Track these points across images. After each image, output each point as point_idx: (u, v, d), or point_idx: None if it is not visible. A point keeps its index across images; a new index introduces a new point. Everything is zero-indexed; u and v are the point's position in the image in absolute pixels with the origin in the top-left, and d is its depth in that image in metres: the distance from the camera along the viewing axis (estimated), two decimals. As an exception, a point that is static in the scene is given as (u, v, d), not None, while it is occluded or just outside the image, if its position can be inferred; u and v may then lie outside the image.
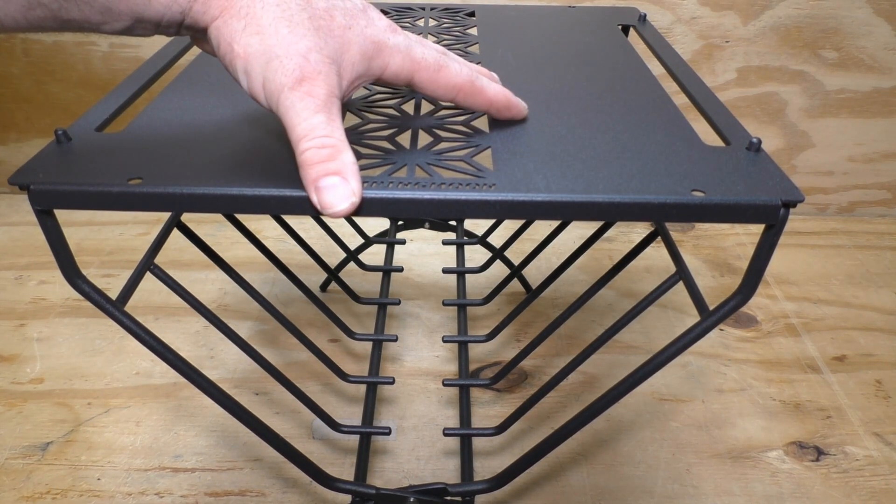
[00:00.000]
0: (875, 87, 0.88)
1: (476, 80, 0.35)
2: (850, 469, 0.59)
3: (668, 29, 0.85)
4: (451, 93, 0.35)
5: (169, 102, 0.40)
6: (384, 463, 0.58)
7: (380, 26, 0.32)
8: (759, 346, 0.73)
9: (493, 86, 0.37)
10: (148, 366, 0.68)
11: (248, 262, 0.81)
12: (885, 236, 0.93)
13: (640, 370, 0.38)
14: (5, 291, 0.79)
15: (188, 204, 0.31)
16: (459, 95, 0.35)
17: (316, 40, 0.30)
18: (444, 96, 0.35)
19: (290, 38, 0.29)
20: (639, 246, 0.50)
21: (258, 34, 0.29)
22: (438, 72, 0.34)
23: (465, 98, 0.36)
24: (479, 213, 0.31)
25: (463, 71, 0.35)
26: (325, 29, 0.30)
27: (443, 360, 0.70)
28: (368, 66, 0.32)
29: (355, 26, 0.31)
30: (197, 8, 0.29)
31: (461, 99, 0.36)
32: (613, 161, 0.33)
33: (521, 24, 0.58)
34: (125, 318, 0.36)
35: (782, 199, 0.30)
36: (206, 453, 0.59)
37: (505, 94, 0.37)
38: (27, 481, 0.56)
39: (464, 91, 0.35)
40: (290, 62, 0.29)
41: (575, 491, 0.56)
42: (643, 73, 0.46)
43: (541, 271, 0.81)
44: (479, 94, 0.36)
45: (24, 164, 0.32)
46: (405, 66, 0.33)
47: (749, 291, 0.34)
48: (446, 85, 0.35)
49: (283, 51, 0.29)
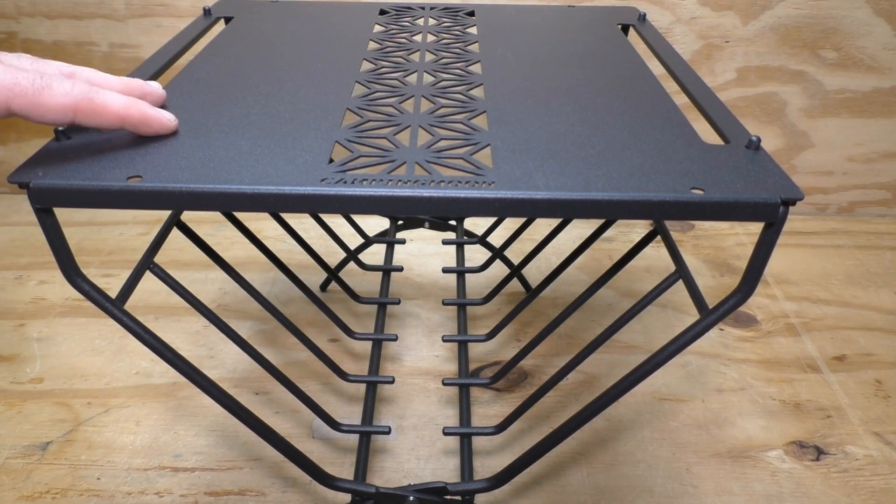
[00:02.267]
0: (875, 87, 0.88)
1: (94, 96, 0.32)
2: (850, 469, 0.59)
3: (668, 29, 0.85)
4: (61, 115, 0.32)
5: (168, 101, 0.40)
6: (384, 462, 0.58)
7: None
8: (759, 345, 0.73)
9: (117, 100, 0.33)
10: (148, 365, 0.68)
11: (248, 262, 0.81)
12: (885, 236, 0.93)
13: (639, 369, 0.38)
14: (5, 291, 0.79)
15: (188, 202, 0.31)
16: (78, 116, 0.32)
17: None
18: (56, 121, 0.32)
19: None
20: (638, 245, 0.50)
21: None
22: (39, 96, 0.31)
23: (86, 118, 0.32)
24: (479, 210, 0.31)
25: (75, 90, 0.32)
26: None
27: (442, 360, 0.70)
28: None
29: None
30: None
31: (80, 119, 0.32)
32: (613, 159, 0.34)
33: (520, 24, 0.58)
34: (125, 316, 0.37)
35: (782, 197, 0.30)
36: (205, 453, 0.59)
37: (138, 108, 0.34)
38: (27, 481, 0.56)
39: (80, 110, 0.32)
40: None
41: (575, 490, 0.56)
42: (643, 72, 0.46)
43: (541, 271, 0.81)
44: (103, 111, 0.33)
45: (24, 163, 0.32)
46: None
47: (748, 290, 0.34)
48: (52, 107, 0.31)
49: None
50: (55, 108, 0.32)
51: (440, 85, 0.45)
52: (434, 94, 0.43)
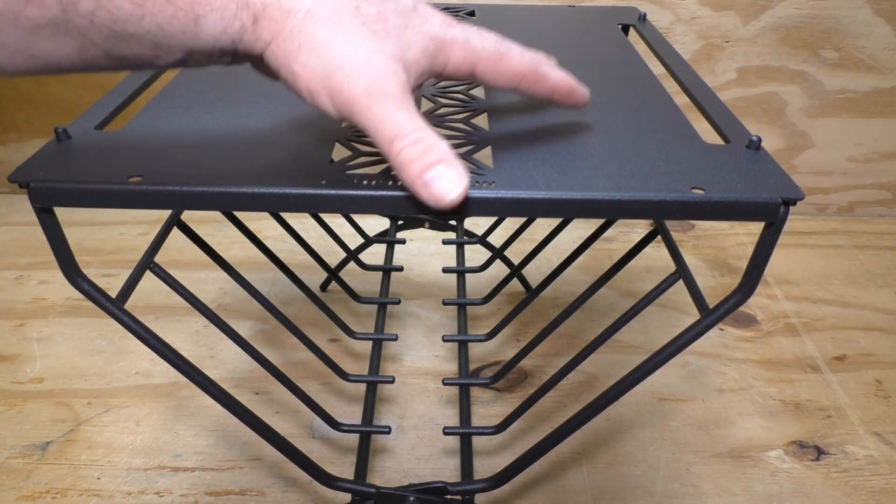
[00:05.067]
0: (875, 87, 0.88)
1: (539, 66, 0.34)
2: (850, 469, 0.59)
3: (668, 29, 0.85)
4: (513, 81, 0.34)
5: (169, 100, 0.40)
6: (384, 462, 0.58)
7: (434, 22, 0.32)
8: (759, 345, 0.73)
9: (555, 72, 0.35)
10: (148, 365, 0.68)
11: (248, 262, 0.81)
12: (885, 236, 0.93)
13: (639, 369, 0.38)
14: (5, 291, 0.79)
15: (188, 202, 0.31)
16: (522, 83, 0.34)
17: (374, 43, 0.29)
18: (506, 85, 0.34)
19: (347, 47, 0.28)
20: (639, 245, 0.50)
21: (314, 50, 0.28)
22: (500, 60, 0.33)
23: (528, 85, 0.34)
24: (479, 210, 0.31)
25: (525, 57, 0.34)
26: (382, 32, 0.29)
27: (443, 360, 0.70)
28: (431, 62, 0.31)
29: (411, 25, 0.30)
30: (248, 36, 0.28)
31: (524, 86, 0.34)
32: (613, 159, 0.33)
33: (521, 24, 0.58)
34: (125, 316, 0.36)
35: (782, 197, 0.30)
36: (206, 453, 0.59)
37: (567, 80, 0.35)
38: (27, 481, 0.56)
39: (527, 79, 0.34)
40: (353, 70, 0.28)
41: (575, 490, 0.56)
42: (643, 72, 0.46)
43: (541, 271, 0.81)
44: (542, 82, 0.34)
45: (24, 162, 0.32)
46: (466, 57, 0.32)
47: (749, 290, 0.34)
48: (508, 73, 0.33)
49: (343, 61, 0.28)
50: (509, 75, 0.33)
51: (440, 85, 0.45)
52: (434, 93, 0.43)
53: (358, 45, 0.29)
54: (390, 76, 0.29)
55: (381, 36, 0.29)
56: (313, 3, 0.29)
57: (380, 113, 0.28)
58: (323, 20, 0.28)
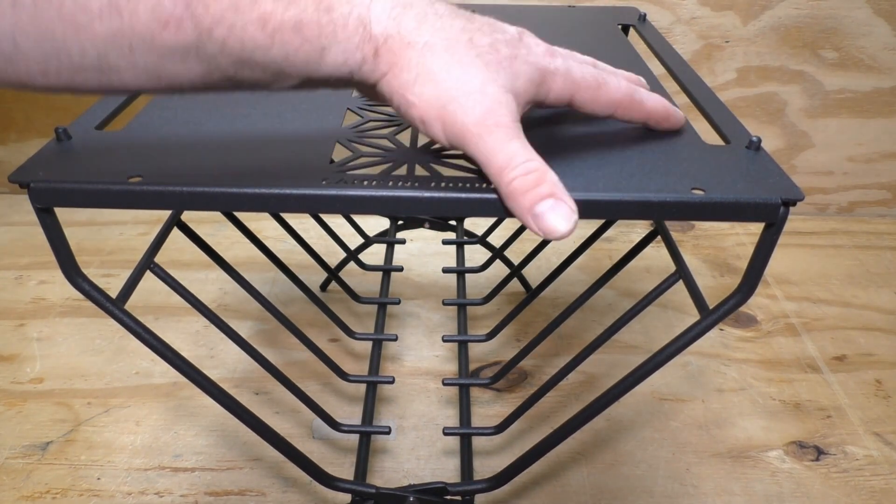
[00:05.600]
0: (875, 87, 0.88)
1: (635, 93, 0.35)
2: (850, 469, 0.59)
3: (668, 29, 0.85)
4: (610, 109, 0.34)
5: (169, 100, 0.40)
6: (384, 462, 0.58)
7: (538, 52, 0.32)
8: (759, 345, 0.73)
9: (651, 97, 0.36)
10: (148, 365, 0.68)
11: (248, 262, 0.81)
12: (885, 236, 0.93)
13: (639, 369, 0.38)
14: (5, 291, 0.79)
15: (188, 202, 0.31)
16: (619, 111, 0.35)
17: (488, 74, 0.30)
18: (602, 113, 0.35)
19: (463, 77, 0.29)
20: (638, 245, 0.50)
21: (431, 81, 0.29)
22: (598, 90, 0.33)
23: (624, 112, 0.35)
24: (479, 211, 0.31)
25: (622, 86, 0.34)
26: (494, 63, 0.30)
27: (443, 360, 0.70)
28: (536, 91, 0.32)
29: (519, 55, 0.31)
30: (366, 67, 0.29)
31: (620, 113, 0.35)
32: (613, 159, 0.34)
33: (521, 24, 0.57)
34: (125, 316, 0.36)
35: (782, 198, 0.30)
36: (206, 453, 0.59)
37: (663, 104, 0.36)
38: (27, 481, 0.56)
39: (622, 106, 0.35)
40: (468, 100, 0.29)
41: (575, 490, 0.56)
42: (643, 72, 0.46)
43: (541, 271, 0.81)
44: (638, 108, 0.35)
45: (24, 163, 0.32)
46: (567, 88, 0.33)
47: (749, 290, 0.34)
48: (606, 102, 0.34)
49: (458, 91, 0.29)
50: (607, 104, 0.34)
51: None
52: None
53: (473, 77, 0.29)
54: (502, 106, 0.29)
55: (493, 66, 0.30)
56: (431, 36, 0.29)
57: (491, 143, 0.29)
58: (440, 52, 0.29)
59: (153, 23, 0.26)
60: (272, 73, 0.28)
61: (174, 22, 0.26)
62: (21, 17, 0.25)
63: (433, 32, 0.29)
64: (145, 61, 0.27)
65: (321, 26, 0.27)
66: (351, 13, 0.28)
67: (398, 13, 0.29)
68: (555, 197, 0.29)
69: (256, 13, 0.26)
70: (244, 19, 0.26)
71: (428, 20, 0.29)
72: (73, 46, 0.26)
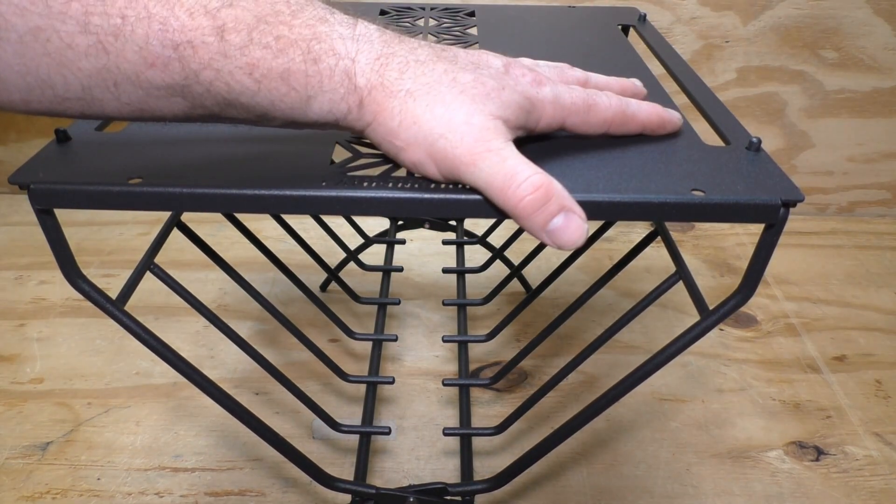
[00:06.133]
0: (875, 87, 0.88)
1: (626, 108, 0.35)
2: (850, 469, 0.59)
3: (668, 29, 0.85)
4: (602, 128, 0.35)
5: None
6: (384, 463, 0.58)
7: (525, 82, 0.32)
8: (759, 346, 0.73)
9: (643, 108, 0.36)
10: (148, 366, 0.68)
11: (248, 262, 0.81)
12: (885, 236, 0.93)
13: (640, 370, 0.38)
14: (5, 291, 0.79)
15: (188, 203, 0.31)
16: (612, 128, 0.35)
17: (473, 106, 0.30)
18: (595, 133, 0.35)
19: (446, 115, 0.29)
20: (639, 246, 0.50)
21: (415, 124, 0.29)
22: (588, 113, 0.34)
23: (618, 129, 0.35)
24: (479, 212, 0.31)
25: (612, 104, 0.34)
26: (481, 95, 0.30)
27: (443, 360, 0.70)
28: (526, 119, 0.32)
29: (507, 86, 0.31)
30: (351, 117, 0.30)
31: (614, 130, 0.35)
32: (613, 160, 0.34)
33: (521, 24, 0.58)
34: (125, 317, 0.36)
35: (782, 199, 0.30)
36: (206, 453, 0.59)
37: (657, 114, 0.36)
38: (27, 481, 0.56)
39: (615, 123, 0.35)
40: (454, 134, 0.29)
41: (575, 491, 0.56)
42: (643, 72, 0.46)
43: (541, 271, 0.81)
44: (632, 122, 0.35)
45: (24, 164, 0.32)
46: (556, 115, 0.33)
47: (749, 291, 0.34)
48: (598, 123, 0.34)
49: (444, 128, 0.29)
50: (599, 124, 0.34)
51: None
52: None
53: (457, 111, 0.29)
54: (491, 131, 0.30)
55: (480, 99, 0.30)
56: (412, 83, 0.29)
57: (487, 167, 0.29)
58: (421, 96, 0.29)
59: (140, 63, 0.26)
60: (257, 115, 0.29)
61: (161, 63, 0.26)
62: (6, 51, 0.25)
63: (414, 79, 0.30)
64: (129, 97, 0.27)
65: (308, 76, 0.28)
66: (337, 65, 0.28)
67: (381, 64, 0.29)
68: (565, 210, 0.29)
69: (245, 60, 0.27)
70: (232, 65, 0.27)
71: (409, 68, 0.30)
72: (57, 81, 0.26)
